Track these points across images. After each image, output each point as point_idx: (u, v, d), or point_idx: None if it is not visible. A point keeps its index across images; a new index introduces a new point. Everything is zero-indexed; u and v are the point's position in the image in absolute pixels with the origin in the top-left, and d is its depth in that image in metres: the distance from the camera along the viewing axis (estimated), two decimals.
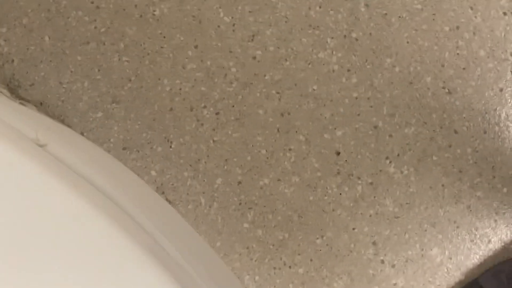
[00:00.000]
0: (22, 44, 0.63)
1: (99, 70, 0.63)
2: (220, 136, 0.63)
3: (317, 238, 0.63)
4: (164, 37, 0.63)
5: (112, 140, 0.63)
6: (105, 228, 0.32)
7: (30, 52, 0.63)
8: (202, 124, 0.63)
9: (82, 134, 0.63)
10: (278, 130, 0.63)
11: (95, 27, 0.63)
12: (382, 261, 0.63)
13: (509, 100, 0.64)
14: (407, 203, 0.63)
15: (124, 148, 0.63)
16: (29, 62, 0.63)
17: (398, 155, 0.64)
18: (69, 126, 0.63)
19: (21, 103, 0.64)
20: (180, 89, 0.63)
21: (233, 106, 0.63)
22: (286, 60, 0.63)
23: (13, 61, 0.63)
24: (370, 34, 0.63)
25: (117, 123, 0.63)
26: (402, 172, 0.63)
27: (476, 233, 0.64)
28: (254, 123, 0.63)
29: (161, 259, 0.33)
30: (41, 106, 0.63)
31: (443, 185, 0.64)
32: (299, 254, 0.63)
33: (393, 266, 0.63)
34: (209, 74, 0.63)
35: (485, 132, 0.64)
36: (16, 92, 0.63)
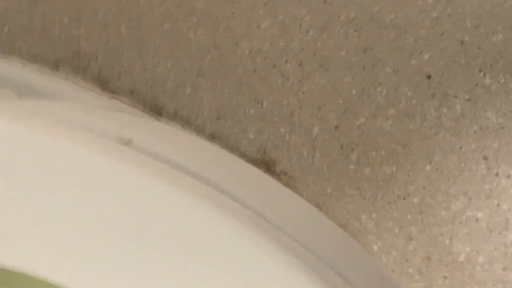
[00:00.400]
0: (101, 40, 0.65)
1: (178, 49, 0.64)
2: (307, 86, 0.63)
3: (426, 165, 0.63)
4: (233, 2, 0.64)
5: (205, 112, 0.64)
6: (211, 217, 0.31)
7: (110, 46, 0.65)
8: (288, 79, 0.64)
9: (176, 112, 0.65)
10: (363, 67, 0.63)
11: (166, 8, 0.64)
12: (497, 174, 0.62)
13: None
14: (510, 111, 0.62)
15: (218, 118, 0.64)
16: (112, 56, 0.65)
17: (491, 65, 0.62)
18: (162, 108, 0.65)
19: (113, 97, 0.66)
20: (259, 49, 0.64)
21: (314, 54, 0.63)
22: None
23: (96, 58, 0.65)
24: None
25: (206, 95, 0.64)
26: (499, 82, 0.62)
27: None
28: (338, 66, 0.63)
29: (301, 257, 0.31)
30: (132, 95, 0.65)
31: None
32: (411, 184, 0.63)
33: (509, 176, 0.62)
34: (284, 28, 0.63)
35: None
36: (106, 87, 0.65)
